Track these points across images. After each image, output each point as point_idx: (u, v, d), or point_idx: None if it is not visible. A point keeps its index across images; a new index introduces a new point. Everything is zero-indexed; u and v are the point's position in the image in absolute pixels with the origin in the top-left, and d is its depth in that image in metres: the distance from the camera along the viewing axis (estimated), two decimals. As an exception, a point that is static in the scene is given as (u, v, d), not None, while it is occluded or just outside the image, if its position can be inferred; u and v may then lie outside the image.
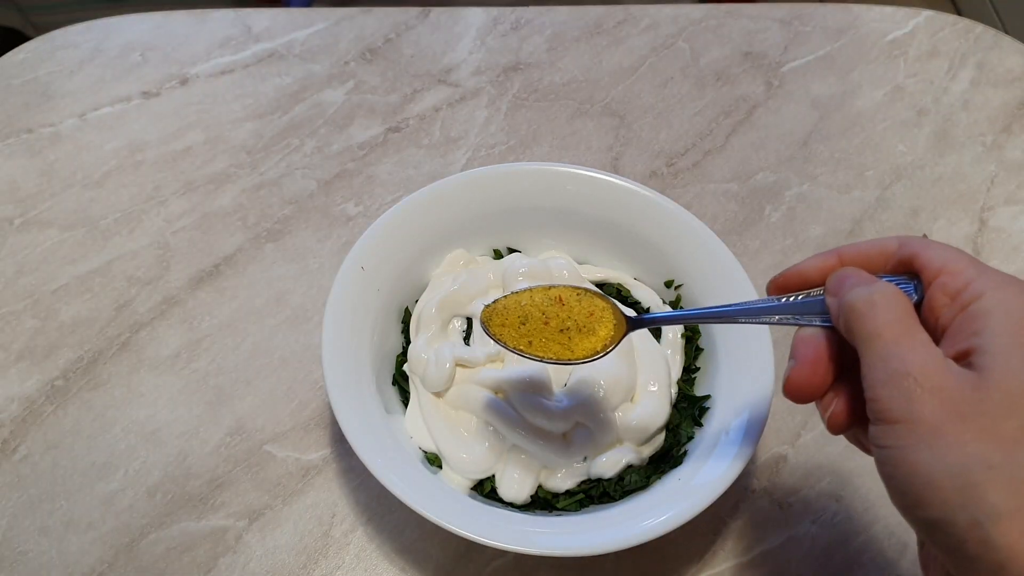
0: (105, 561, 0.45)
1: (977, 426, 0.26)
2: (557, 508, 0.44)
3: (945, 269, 0.30)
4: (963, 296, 0.29)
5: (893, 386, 0.27)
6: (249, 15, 0.75)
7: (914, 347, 0.28)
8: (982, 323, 0.28)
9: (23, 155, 0.64)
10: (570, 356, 0.37)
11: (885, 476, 0.28)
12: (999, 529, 0.25)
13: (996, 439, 0.26)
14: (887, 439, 0.28)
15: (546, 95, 0.70)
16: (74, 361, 0.53)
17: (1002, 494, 0.25)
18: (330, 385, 0.42)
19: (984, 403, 0.26)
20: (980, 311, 0.28)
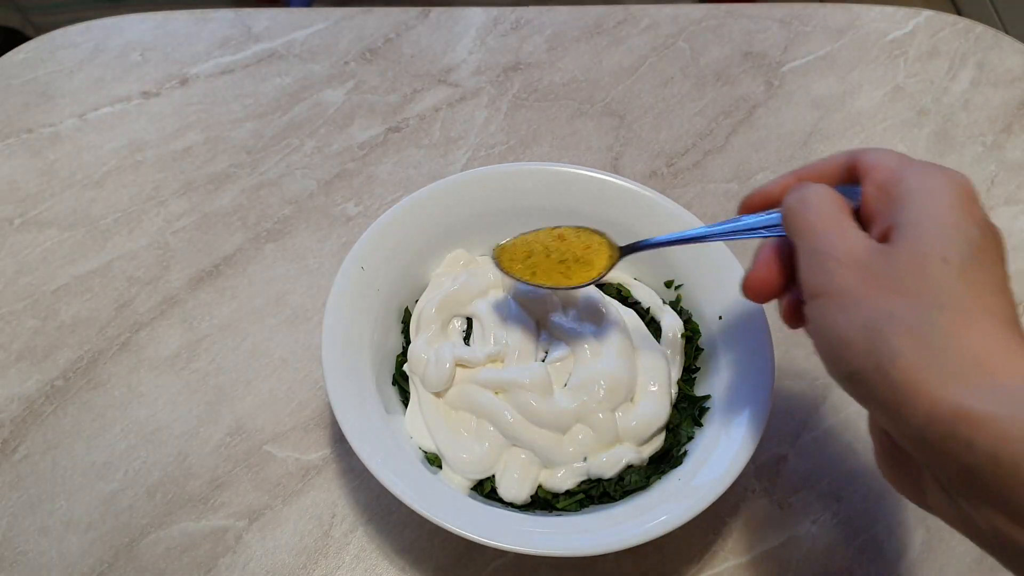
0: (105, 561, 0.45)
1: (885, 286, 0.28)
2: (557, 508, 0.44)
3: (877, 167, 0.33)
4: (889, 185, 0.31)
5: (817, 266, 0.30)
6: (249, 15, 0.75)
7: (840, 234, 0.31)
8: (900, 203, 0.30)
9: (23, 155, 0.64)
10: (568, 283, 0.42)
11: (816, 346, 0.31)
12: (897, 367, 0.27)
13: (899, 293, 0.28)
14: (813, 312, 0.31)
15: (546, 95, 0.70)
16: (74, 361, 0.53)
17: (901, 338, 0.27)
18: (330, 385, 0.42)
19: (893, 266, 0.29)
20: (900, 193, 0.31)
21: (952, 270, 0.28)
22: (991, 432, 0.25)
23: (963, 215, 0.29)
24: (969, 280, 0.28)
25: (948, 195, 0.30)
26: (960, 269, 0.28)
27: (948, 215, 0.29)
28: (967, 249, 0.28)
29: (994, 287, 0.28)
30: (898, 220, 0.30)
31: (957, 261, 0.28)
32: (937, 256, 0.28)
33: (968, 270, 0.28)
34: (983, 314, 0.27)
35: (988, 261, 0.29)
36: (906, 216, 0.30)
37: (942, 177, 0.30)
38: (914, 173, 0.31)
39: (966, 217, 0.29)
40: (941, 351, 0.27)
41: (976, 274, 0.28)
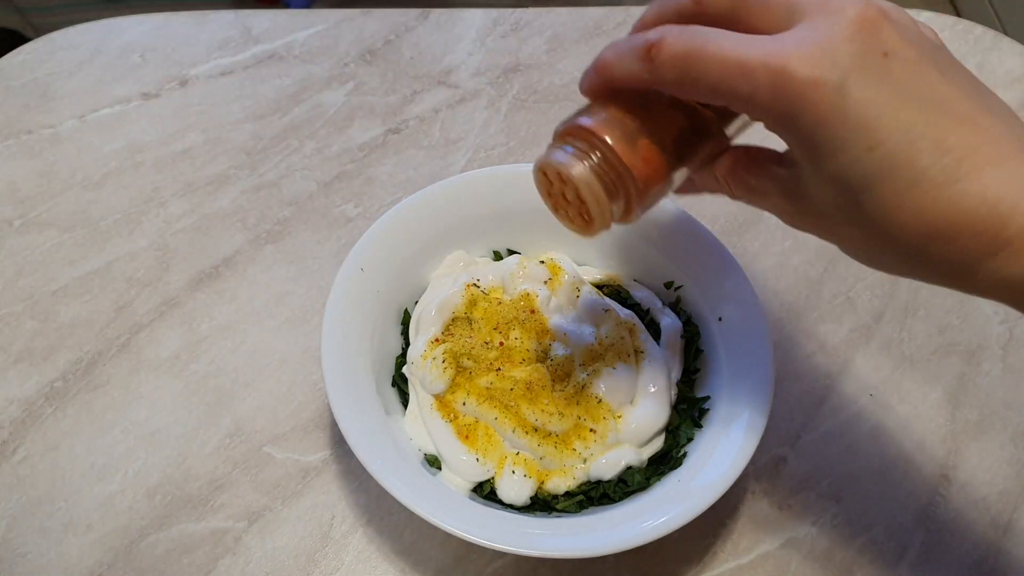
0: (104, 563, 0.45)
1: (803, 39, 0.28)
2: (557, 510, 0.44)
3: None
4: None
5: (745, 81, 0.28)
6: (249, 16, 0.75)
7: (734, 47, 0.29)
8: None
9: (23, 156, 0.64)
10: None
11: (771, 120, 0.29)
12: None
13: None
14: (876, 202, 0.29)
15: (546, 96, 0.70)
16: (73, 362, 0.53)
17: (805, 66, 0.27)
18: (330, 386, 0.42)
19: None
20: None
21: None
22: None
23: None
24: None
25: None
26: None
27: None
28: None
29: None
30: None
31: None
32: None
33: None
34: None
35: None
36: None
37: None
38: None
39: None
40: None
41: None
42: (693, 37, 0.29)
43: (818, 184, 0.29)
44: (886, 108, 0.27)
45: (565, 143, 0.33)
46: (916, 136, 0.27)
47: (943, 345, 0.55)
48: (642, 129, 0.32)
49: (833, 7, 0.28)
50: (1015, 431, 0.52)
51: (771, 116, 0.29)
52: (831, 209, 0.30)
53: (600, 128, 0.32)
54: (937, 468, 0.50)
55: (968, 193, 0.26)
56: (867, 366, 0.54)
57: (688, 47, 0.29)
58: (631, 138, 0.32)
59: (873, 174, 0.27)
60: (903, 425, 0.52)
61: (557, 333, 0.47)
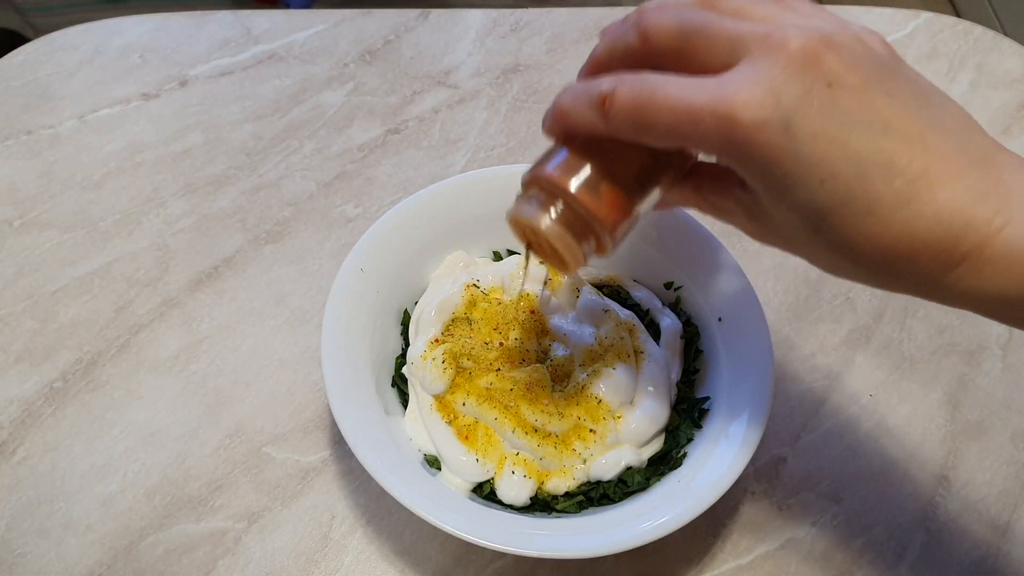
0: (104, 563, 0.45)
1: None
2: (556, 510, 0.44)
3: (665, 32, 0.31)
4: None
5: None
6: (248, 17, 0.75)
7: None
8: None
9: (22, 156, 0.64)
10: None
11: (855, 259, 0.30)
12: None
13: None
14: (838, 227, 0.29)
15: (545, 97, 0.70)
16: (73, 363, 0.53)
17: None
18: (329, 387, 0.42)
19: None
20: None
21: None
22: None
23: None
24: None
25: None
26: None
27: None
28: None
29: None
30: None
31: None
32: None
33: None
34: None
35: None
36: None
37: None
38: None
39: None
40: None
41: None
42: (643, 87, 0.29)
43: (778, 212, 0.30)
44: (834, 140, 0.27)
45: (531, 192, 0.34)
46: (866, 164, 0.27)
47: (943, 345, 0.55)
48: (603, 171, 0.32)
49: (774, 42, 0.28)
50: (1015, 431, 0.52)
51: (724, 156, 0.29)
52: (791, 232, 0.30)
53: (561, 178, 0.32)
54: (937, 468, 0.50)
55: (922, 215, 0.27)
56: (867, 366, 0.54)
57: (638, 97, 0.29)
58: (593, 183, 0.32)
59: (828, 206, 0.28)
60: (903, 425, 0.52)
61: (557, 333, 0.47)
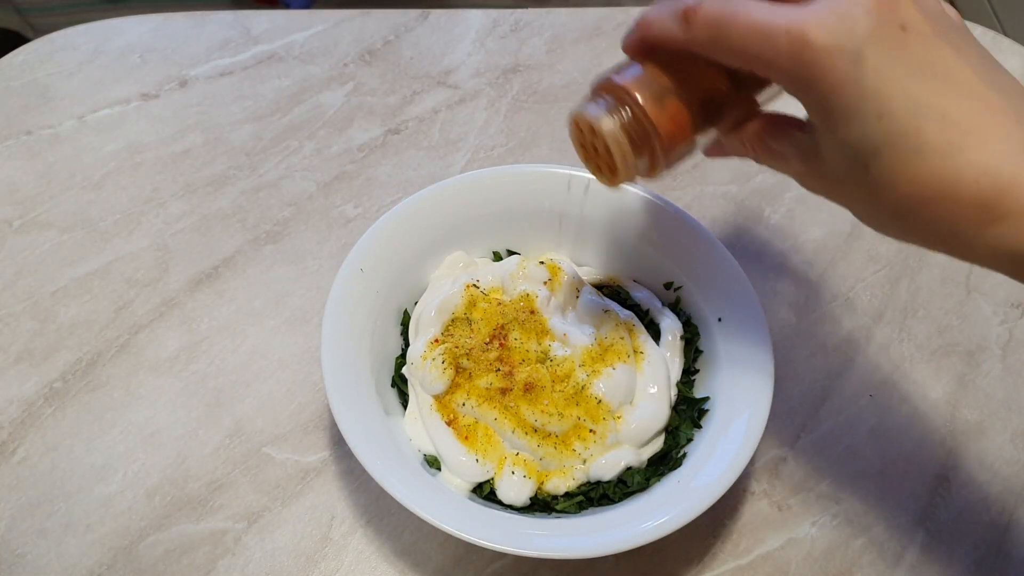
0: (104, 563, 0.45)
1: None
2: (556, 510, 0.44)
3: None
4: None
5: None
6: (248, 17, 0.75)
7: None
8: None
9: (22, 157, 0.64)
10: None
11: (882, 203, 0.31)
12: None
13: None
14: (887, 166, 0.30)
15: (545, 97, 0.70)
16: (73, 363, 0.53)
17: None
18: (329, 387, 0.42)
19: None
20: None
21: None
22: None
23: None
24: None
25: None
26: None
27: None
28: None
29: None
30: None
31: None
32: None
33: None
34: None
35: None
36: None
37: None
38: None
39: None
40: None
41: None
42: (726, 4, 0.30)
43: (831, 148, 0.31)
44: (898, 79, 0.28)
45: (599, 97, 0.35)
46: (924, 107, 0.28)
47: (943, 345, 0.55)
48: (672, 89, 0.33)
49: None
50: (1015, 431, 0.52)
51: (790, 80, 0.30)
52: (842, 173, 0.31)
53: (632, 85, 0.33)
54: (937, 468, 0.50)
55: (971, 164, 0.28)
56: (867, 366, 0.54)
57: (721, 12, 0.30)
58: (660, 97, 0.33)
59: (881, 141, 0.28)
60: (903, 425, 0.52)
61: (557, 334, 0.47)
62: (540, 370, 0.45)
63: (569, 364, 0.46)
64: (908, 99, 0.28)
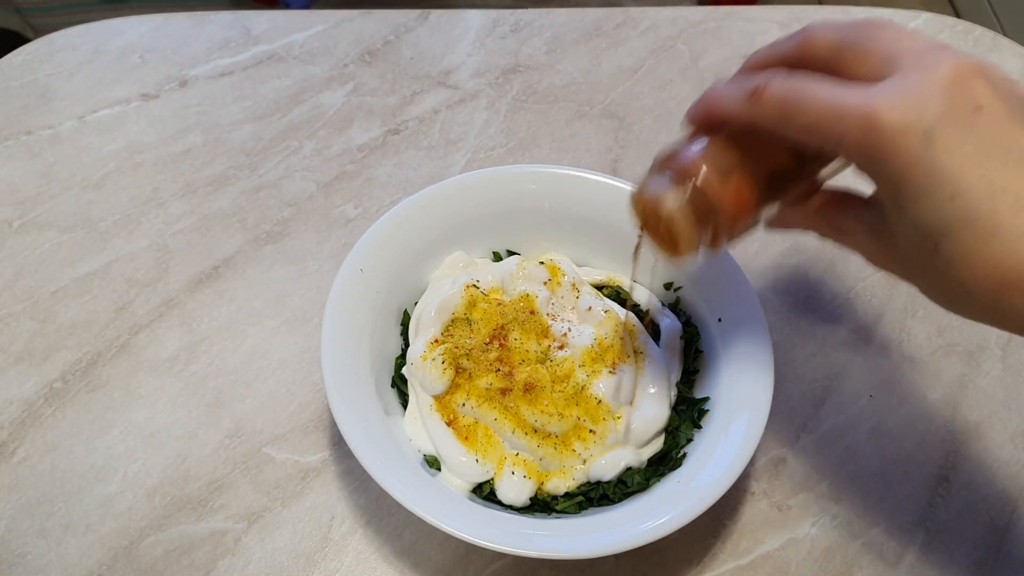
0: (104, 563, 0.45)
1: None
2: (556, 510, 0.44)
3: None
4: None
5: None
6: (248, 17, 0.75)
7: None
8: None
9: (22, 157, 0.64)
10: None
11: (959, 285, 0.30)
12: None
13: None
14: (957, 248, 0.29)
15: (545, 97, 0.70)
16: (73, 363, 0.53)
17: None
18: (329, 387, 0.42)
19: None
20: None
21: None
22: None
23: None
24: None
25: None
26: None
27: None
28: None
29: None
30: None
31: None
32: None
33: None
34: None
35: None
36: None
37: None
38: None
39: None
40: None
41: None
42: (795, 83, 0.31)
43: (901, 227, 0.31)
44: (970, 160, 0.28)
45: (662, 172, 0.34)
46: (997, 189, 0.27)
47: (943, 346, 0.55)
48: (737, 165, 0.33)
49: (929, 60, 0.29)
50: (1015, 431, 0.52)
51: (860, 159, 0.30)
52: (912, 252, 0.31)
53: (696, 162, 0.33)
54: (937, 468, 0.50)
55: None
56: (867, 367, 0.54)
57: (790, 90, 0.31)
58: (725, 173, 0.33)
59: (953, 222, 0.28)
60: (903, 426, 0.52)
61: (556, 334, 0.47)
62: (540, 370, 0.45)
63: (569, 364, 0.46)
64: (982, 180, 0.28)
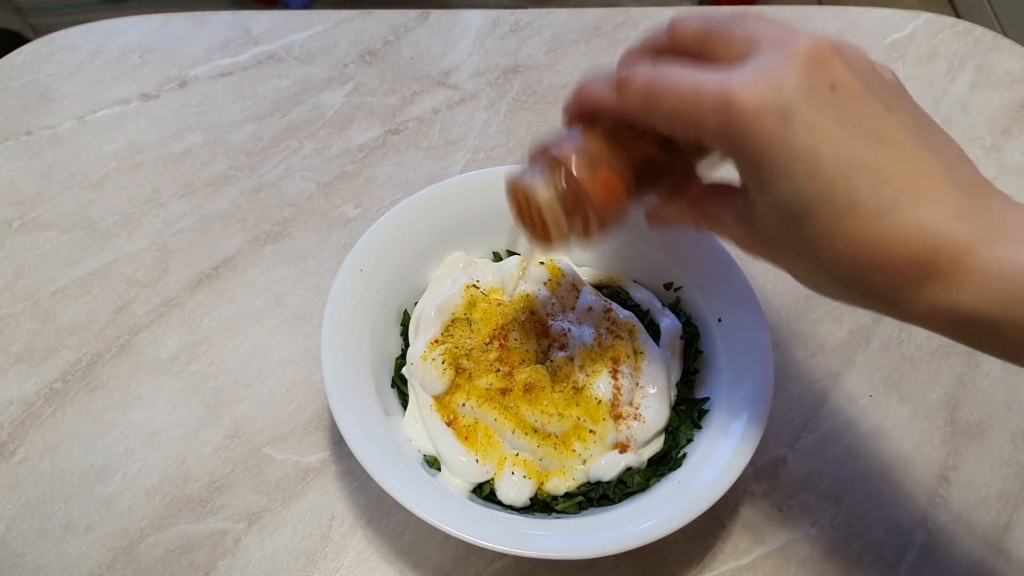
0: (104, 564, 0.45)
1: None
2: (556, 511, 0.44)
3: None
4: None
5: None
6: (248, 17, 0.75)
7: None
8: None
9: (22, 157, 0.64)
10: None
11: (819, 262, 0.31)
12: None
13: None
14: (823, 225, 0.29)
15: (545, 97, 0.70)
16: (73, 363, 0.53)
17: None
18: (329, 387, 0.42)
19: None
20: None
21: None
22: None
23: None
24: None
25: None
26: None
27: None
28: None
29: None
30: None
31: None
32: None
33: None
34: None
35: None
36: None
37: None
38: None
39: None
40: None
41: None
42: (658, 70, 0.31)
43: (764, 209, 0.31)
44: (828, 137, 0.27)
45: (535, 164, 0.35)
46: (856, 167, 0.27)
47: (943, 346, 0.55)
48: (607, 157, 0.34)
49: (787, 41, 0.29)
50: (1015, 432, 0.52)
51: (720, 141, 0.30)
52: (776, 233, 0.31)
53: (567, 153, 0.34)
54: (937, 468, 0.50)
55: (903, 223, 0.27)
56: (867, 367, 0.54)
57: (651, 78, 0.31)
58: (593, 164, 0.34)
59: (813, 200, 0.28)
60: (903, 426, 0.52)
61: (556, 334, 0.47)
62: (540, 370, 0.45)
63: (569, 365, 0.46)
64: (839, 158, 0.27)
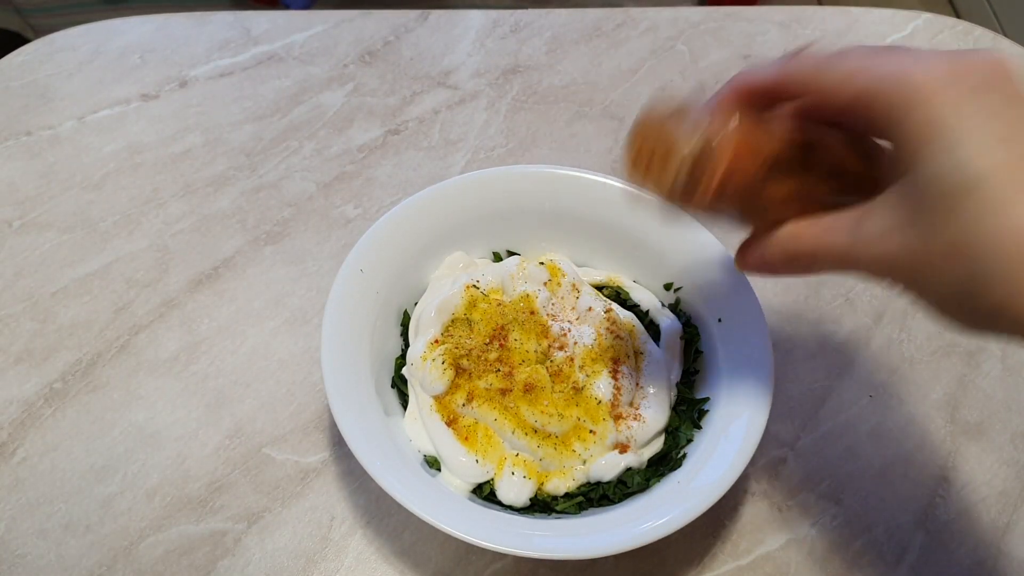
0: (104, 564, 0.45)
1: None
2: (556, 511, 0.44)
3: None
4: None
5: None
6: (248, 17, 0.75)
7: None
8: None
9: (22, 157, 0.64)
10: None
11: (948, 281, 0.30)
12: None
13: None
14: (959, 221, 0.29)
15: (545, 97, 0.70)
16: (73, 364, 0.53)
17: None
18: (329, 387, 0.42)
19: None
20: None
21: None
22: None
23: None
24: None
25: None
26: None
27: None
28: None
29: None
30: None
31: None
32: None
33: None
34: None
35: None
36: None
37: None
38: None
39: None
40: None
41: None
42: (833, 52, 0.32)
43: (917, 186, 0.30)
44: (993, 132, 0.28)
45: (688, 116, 0.34)
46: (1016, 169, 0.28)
47: (943, 346, 0.55)
48: (751, 142, 0.33)
49: (971, 51, 0.30)
50: (1015, 432, 0.52)
51: (890, 108, 0.30)
52: (927, 216, 0.30)
53: (724, 119, 0.33)
54: (937, 469, 0.50)
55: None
56: (867, 367, 0.54)
57: (827, 53, 0.32)
58: (740, 136, 0.33)
59: (992, 169, 0.28)
60: (903, 426, 0.52)
61: (556, 334, 0.47)
62: (540, 371, 0.45)
63: (569, 365, 0.46)
64: (1003, 151, 0.28)
